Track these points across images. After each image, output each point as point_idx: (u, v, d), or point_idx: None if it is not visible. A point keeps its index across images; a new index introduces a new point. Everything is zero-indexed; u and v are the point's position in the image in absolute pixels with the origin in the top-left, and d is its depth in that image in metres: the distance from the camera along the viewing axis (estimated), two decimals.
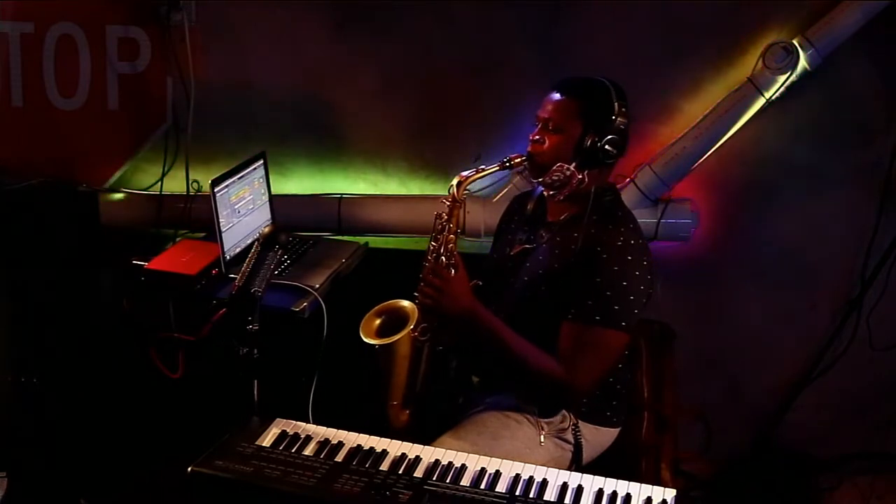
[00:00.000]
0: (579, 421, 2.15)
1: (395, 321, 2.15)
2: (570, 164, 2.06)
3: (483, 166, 2.11)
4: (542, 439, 2.13)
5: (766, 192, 2.97)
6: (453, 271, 2.07)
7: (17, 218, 2.63)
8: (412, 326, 2.10)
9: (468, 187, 2.12)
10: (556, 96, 2.08)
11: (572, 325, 2.01)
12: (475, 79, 3.00)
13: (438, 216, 2.12)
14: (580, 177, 2.07)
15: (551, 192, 2.15)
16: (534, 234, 2.21)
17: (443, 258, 2.08)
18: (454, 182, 2.10)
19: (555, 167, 2.07)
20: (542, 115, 2.10)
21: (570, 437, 2.15)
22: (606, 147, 2.04)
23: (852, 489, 3.06)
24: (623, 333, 2.02)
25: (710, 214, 3.00)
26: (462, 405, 2.25)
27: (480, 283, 2.23)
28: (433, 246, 2.12)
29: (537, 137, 2.10)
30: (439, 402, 2.21)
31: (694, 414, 3.11)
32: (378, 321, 2.17)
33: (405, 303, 2.16)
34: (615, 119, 2.04)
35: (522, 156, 2.11)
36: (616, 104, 2.04)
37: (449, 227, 2.10)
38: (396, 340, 2.09)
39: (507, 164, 2.11)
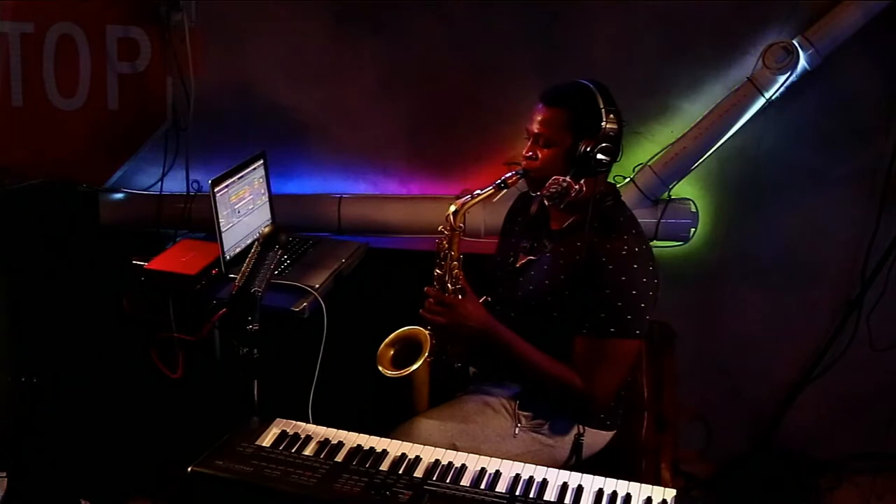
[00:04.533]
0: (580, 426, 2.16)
1: (409, 348, 2.19)
2: (566, 176, 2.05)
3: (478, 191, 2.10)
4: (517, 431, 2.13)
5: (766, 192, 2.96)
6: (460, 296, 2.10)
7: (17, 218, 2.62)
8: (427, 354, 2.13)
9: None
10: (543, 108, 2.06)
11: (587, 339, 2.02)
12: (475, 79, 3.00)
13: (439, 243, 2.13)
14: (577, 186, 2.06)
15: (552, 203, 2.15)
16: (537, 243, 2.21)
17: (449, 285, 2.11)
18: (451, 210, 2.10)
19: (551, 180, 2.06)
20: (531, 129, 2.08)
21: (546, 432, 2.15)
22: (599, 156, 2.03)
23: (852, 489, 3.06)
24: (637, 341, 2.04)
25: (710, 214, 3.00)
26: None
27: (490, 299, 2.24)
28: (438, 273, 2.13)
29: (530, 154, 2.08)
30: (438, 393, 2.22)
31: (694, 414, 3.11)
32: (392, 351, 2.21)
33: (416, 329, 2.20)
34: (605, 125, 2.02)
35: (517, 174, 2.10)
36: (604, 109, 2.03)
37: (451, 254, 2.11)
38: (415, 369, 2.12)
39: (503, 185, 2.10)
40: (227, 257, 2.63)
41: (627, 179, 2.93)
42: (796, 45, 2.69)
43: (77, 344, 2.74)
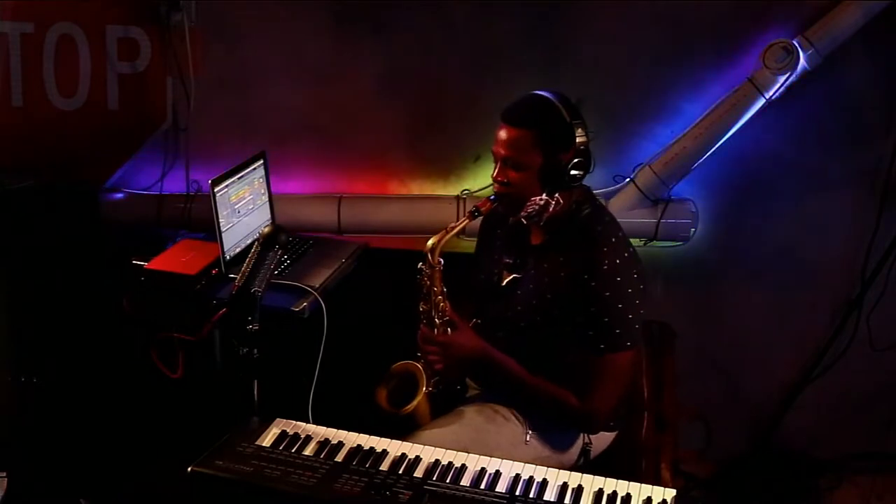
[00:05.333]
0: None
1: (405, 382, 2.19)
2: (541, 195, 2.02)
3: (452, 224, 2.08)
4: (528, 438, 2.13)
5: (766, 192, 2.97)
6: (450, 329, 2.10)
7: (17, 218, 2.62)
8: (424, 386, 2.14)
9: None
10: (508, 129, 2.00)
11: (579, 357, 2.01)
12: (475, 78, 3.00)
13: (421, 280, 2.12)
14: (554, 202, 2.04)
15: (530, 221, 2.13)
16: (520, 259, 2.17)
17: (436, 319, 2.11)
18: (428, 247, 2.08)
19: (528, 203, 2.03)
20: (498, 151, 2.03)
21: (553, 438, 2.15)
22: (573, 172, 2.00)
23: (852, 489, 3.06)
24: (630, 352, 2.02)
25: (710, 214, 3.00)
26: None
27: (480, 322, 2.24)
28: (424, 308, 2.13)
29: (501, 179, 2.03)
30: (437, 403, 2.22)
31: (694, 414, 3.11)
32: (387, 390, 2.21)
33: (408, 363, 2.21)
34: (574, 139, 1.99)
35: (491, 200, 2.07)
36: (571, 123, 1.99)
37: (434, 290, 2.11)
38: (416, 404, 2.13)
39: (476, 213, 2.08)
40: (227, 257, 2.63)
41: (627, 179, 2.93)
42: (796, 45, 2.69)
43: (77, 344, 2.74)
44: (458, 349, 2.06)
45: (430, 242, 2.08)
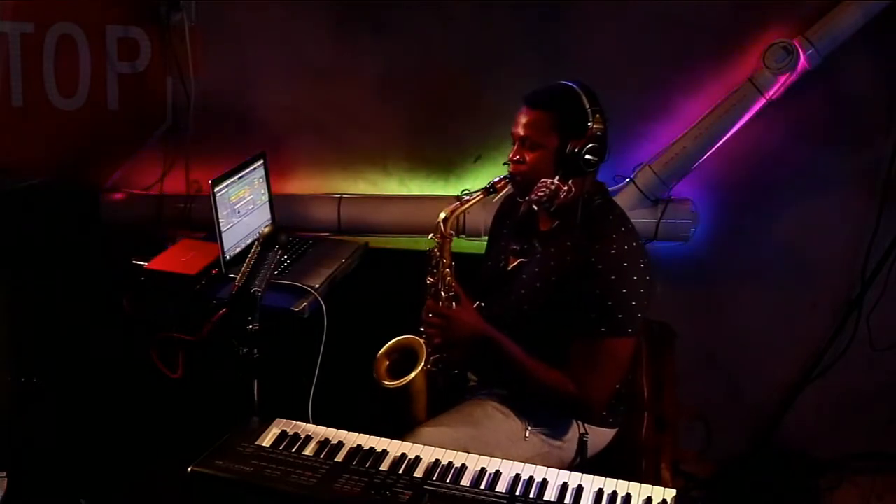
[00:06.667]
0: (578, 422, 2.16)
1: (405, 357, 2.19)
2: (553, 178, 2.04)
3: (467, 197, 2.11)
4: (527, 434, 2.13)
5: (766, 192, 2.97)
6: (454, 304, 2.10)
7: (17, 218, 2.62)
8: (423, 362, 2.14)
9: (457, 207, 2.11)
10: (529, 111, 2.05)
11: (579, 341, 2.02)
12: (475, 78, 3.00)
13: (431, 252, 2.13)
14: (566, 188, 2.06)
15: (541, 206, 2.14)
16: (527, 244, 2.20)
17: (442, 293, 2.11)
18: (441, 217, 2.10)
19: (539, 183, 2.05)
20: (517, 132, 2.07)
21: (553, 433, 2.15)
22: (587, 156, 2.02)
23: (852, 489, 3.06)
24: (630, 339, 2.03)
25: (710, 214, 3.00)
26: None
27: (483, 304, 2.24)
28: (431, 280, 2.14)
29: (517, 157, 2.07)
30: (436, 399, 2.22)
31: (694, 414, 3.11)
32: (388, 362, 2.21)
33: (411, 338, 2.20)
34: (591, 126, 2.02)
35: (506, 178, 2.10)
36: (589, 110, 2.02)
37: (443, 262, 2.11)
38: (412, 378, 2.12)
39: (491, 189, 2.10)
40: (227, 257, 2.63)
41: (627, 179, 2.93)
42: (796, 45, 2.69)
43: (77, 344, 2.74)
44: (458, 325, 2.06)
45: (442, 214, 2.10)
